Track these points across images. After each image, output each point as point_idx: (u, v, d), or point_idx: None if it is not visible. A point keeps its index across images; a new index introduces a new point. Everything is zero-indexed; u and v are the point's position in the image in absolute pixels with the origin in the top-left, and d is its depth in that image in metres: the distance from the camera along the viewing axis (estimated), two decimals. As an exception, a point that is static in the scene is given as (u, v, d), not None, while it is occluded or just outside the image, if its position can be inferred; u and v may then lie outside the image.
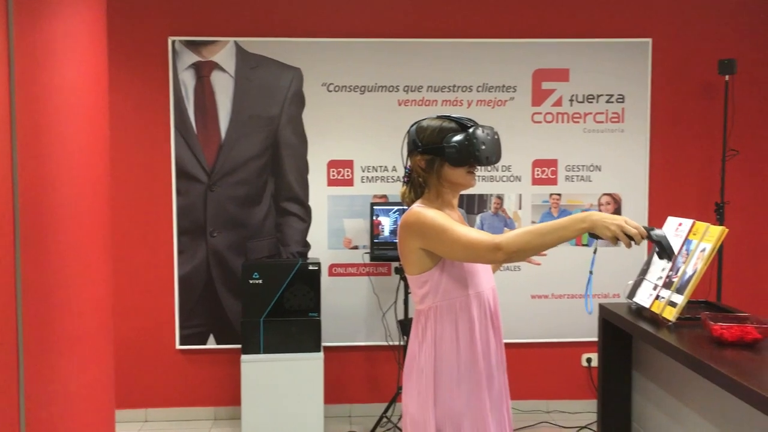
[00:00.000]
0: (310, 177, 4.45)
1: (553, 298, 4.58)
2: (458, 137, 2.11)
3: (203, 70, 4.35)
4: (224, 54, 4.35)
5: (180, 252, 4.40)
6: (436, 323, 2.16)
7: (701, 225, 2.51)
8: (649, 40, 4.50)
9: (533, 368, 4.60)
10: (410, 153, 2.21)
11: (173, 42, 4.32)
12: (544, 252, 2.01)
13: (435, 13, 4.45)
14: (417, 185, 2.21)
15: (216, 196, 4.40)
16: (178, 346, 4.45)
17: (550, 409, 4.64)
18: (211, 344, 4.45)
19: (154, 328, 4.45)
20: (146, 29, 4.34)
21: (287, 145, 4.43)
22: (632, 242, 1.87)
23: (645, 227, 1.90)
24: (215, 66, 4.35)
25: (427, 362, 2.15)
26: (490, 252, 1.97)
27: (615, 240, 1.87)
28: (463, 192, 2.39)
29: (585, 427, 4.38)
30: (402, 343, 4.18)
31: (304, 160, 4.45)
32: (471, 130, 2.12)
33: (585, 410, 4.58)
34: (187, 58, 4.34)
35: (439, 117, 2.20)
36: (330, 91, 4.42)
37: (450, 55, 4.44)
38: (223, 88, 4.36)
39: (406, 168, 2.25)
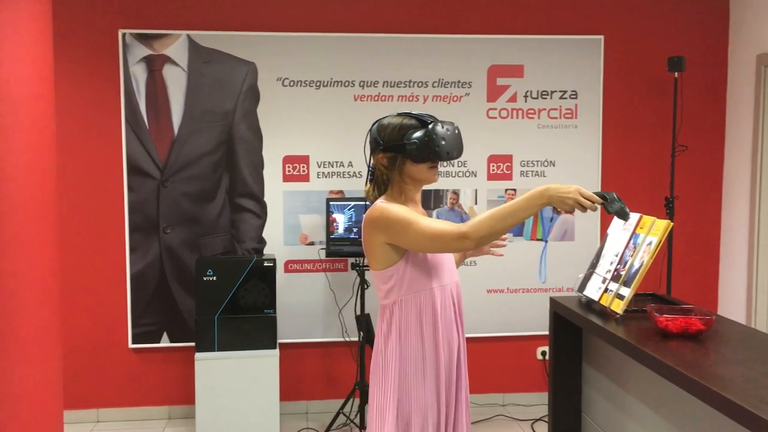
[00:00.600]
0: (266, 172, 4.41)
1: (508, 293, 4.63)
2: (418, 134, 2.14)
3: (155, 64, 4.27)
4: (176, 47, 4.28)
5: (132, 249, 4.32)
6: (401, 317, 2.19)
7: (648, 219, 2.55)
8: (601, 37, 4.56)
9: (489, 362, 4.64)
10: (372, 151, 2.24)
11: (124, 35, 4.24)
12: (505, 235, 2.13)
13: (390, 8, 4.45)
14: (380, 183, 2.25)
15: (169, 192, 4.33)
16: (130, 345, 4.37)
17: (505, 402, 4.69)
18: (164, 342, 4.38)
19: (106, 327, 4.37)
20: (96, 21, 4.25)
21: (242, 141, 4.38)
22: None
23: (598, 193, 2.01)
24: (167, 60, 4.27)
25: (393, 355, 2.18)
26: (457, 240, 2.02)
27: (573, 210, 1.98)
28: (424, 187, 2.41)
29: (540, 419, 4.43)
30: (359, 338, 4.18)
31: (259, 156, 4.40)
32: (431, 126, 2.14)
33: (540, 402, 4.64)
34: (138, 51, 4.25)
35: (399, 114, 2.23)
36: (285, 86, 4.38)
37: (406, 51, 4.44)
38: (176, 82, 4.29)
39: (369, 166, 2.27)
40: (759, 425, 1.58)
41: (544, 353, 4.69)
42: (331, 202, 4.19)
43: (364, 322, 4.13)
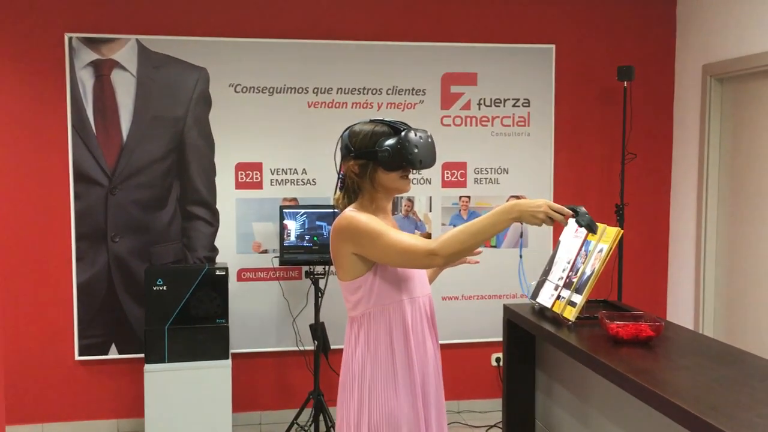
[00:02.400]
0: (218, 180, 4.34)
1: (463, 300, 4.64)
2: (390, 141, 2.09)
3: (103, 69, 4.17)
4: (125, 52, 4.18)
5: (78, 258, 4.20)
6: (369, 330, 2.14)
7: (599, 227, 2.58)
8: (553, 46, 4.62)
9: (445, 369, 4.60)
10: (343, 158, 2.18)
11: (70, 38, 4.12)
12: (479, 249, 2.10)
13: (344, 15, 4.43)
14: (351, 191, 2.19)
15: (117, 199, 4.22)
16: (77, 357, 4.24)
17: (461, 409, 4.69)
18: (112, 354, 4.27)
19: (51, 339, 4.23)
20: (41, 25, 4.13)
21: (193, 147, 4.30)
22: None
23: (569, 207, 2.00)
24: (116, 64, 4.18)
25: (363, 369, 2.13)
26: (426, 258, 1.98)
27: (542, 224, 1.96)
28: None
29: (495, 425, 4.45)
30: (314, 347, 4.13)
31: (211, 163, 4.33)
32: (403, 133, 2.10)
33: (495, 409, 4.66)
34: (85, 55, 4.15)
35: (371, 121, 2.18)
36: (237, 92, 4.32)
37: (360, 58, 4.43)
38: (125, 87, 4.19)
39: (339, 174, 2.21)
40: (707, 431, 1.60)
41: (498, 360, 4.72)
42: (284, 210, 4.14)
43: (318, 331, 4.08)
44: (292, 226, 4.11)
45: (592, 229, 2.04)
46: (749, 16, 4.07)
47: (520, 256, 2.34)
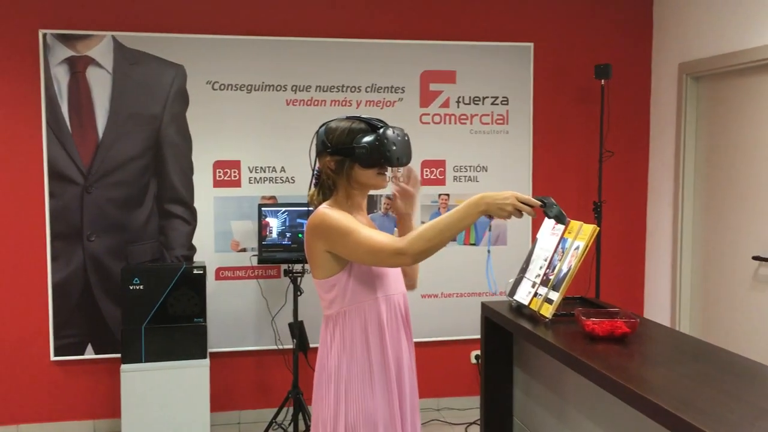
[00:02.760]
0: (195, 178, 4.31)
1: (442, 297, 4.64)
2: (368, 138, 2.09)
3: (78, 66, 4.12)
4: (101, 49, 4.13)
5: (54, 258, 4.15)
6: (344, 328, 2.13)
7: (575, 224, 2.59)
8: (531, 44, 4.64)
9: (424, 367, 4.64)
10: (319, 154, 2.17)
11: (44, 35, 4.07)
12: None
13: (324, 12, 4.41)
14: (326, 187, 2.18)
15: (93, 198, 4.18)
16: (52, 358, 4.19)
17: (440, 406, 4.70)
18: (89, 354, 4.22)
19: (26, 339, 4.18)
20: (15, 21, 4.07)
21: (170, 145, 4.26)
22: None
23: (537, 198, 2.00)
24: (91, 61, 4.13)
25: (339, 368, 2.12)
26: (394, 257, 1.96)
27: (510, 216, 1.96)
28: None
29: (474, 422, 4.46)
30: (293, 346, 4.11)
31: (189, 161, 4.30)
32: (381, 130, 2.09)
33: (474, 406, 4.67)
34: (60, 52, 4.10)
35: (348, 118, 2.16)
36: (215, 90, 4.29)
37: (339, 55, 4.42)
38: (100, 84, 4.15)
39: (314, 170, 2.21)
40: (680, 426, 1.61)
41: (477, 357, 4.73)
42: (263, 208, 4.12)
43: (297, 330, 4.07)
44: (271, 225, 4.09)
45: (560, 219, 2.05)
46: (725, 16, 4.11)
47: (488, 251, 2.33)
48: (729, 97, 4.19)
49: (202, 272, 3.97)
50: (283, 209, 4.14)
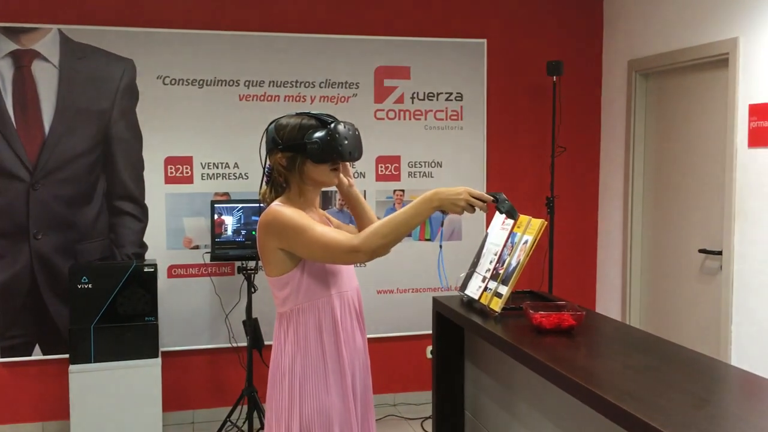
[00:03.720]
0: (146, 174, 4.23)
1: (398, 293, 4.65)
2: (320, 133, 2.08)
3: (23, 60, 4.01)
4: (47, 42, 4.03)
5: (-1, 256, 4.04)
6: (298, 325, 2.12)
7: (524, 218, 2.61)
8: (484, 40, 4.67)
9: (380, 362, 4.63)
10: (270, 151, 2.15)
11: (-13, 27, 3.96)
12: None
13: (277, 7, 4.38)
14: (278, 184, 2.17)
15: (40, 195, 4.07)
16: (-2, 359, 4.09)
17: (396, 401, 4.71)
18: (36, 355, 4.12)
19: (-30, 341, 4.06)
20: (-46, 12, 3.94)
21: (120, 141, 4.18)
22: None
23: (489, 193, 2.04)
24: (37, 55, 4.02)
25: (293, 365, 2.11)
26: (349, 254, 1.97)
27: (463, 211, 1.98)
28: None
29: (429, 417, 4.48)
30: (246, 344, 4.08)
31: (139, 157, 4.22)
32: (332, 125, 2.09)
33: (430, 401, 4.68)
34: (3, 45, 3.98)
35: (298, 114, 2.15)
36: (166, 84, 4.22)
37: (292, 50, 4.38)
38: (46, 79, 4.04)
39: (266, 167, 2.18)
40: (620, 416, 1.64)
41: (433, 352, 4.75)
42: (216, 205, 4.07)
43: (251, 327, 4.04)
44: (224, 221, 4.04)
45: (512, 215, 2.09)
46: (672, 14, 4.20)
47: (440, 247, 2.36)
48: (676, 93, 4.28)
49: (153, 270, 3.91)
50: (237, 206, 4.10)
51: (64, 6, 4.07)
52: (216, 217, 4.05)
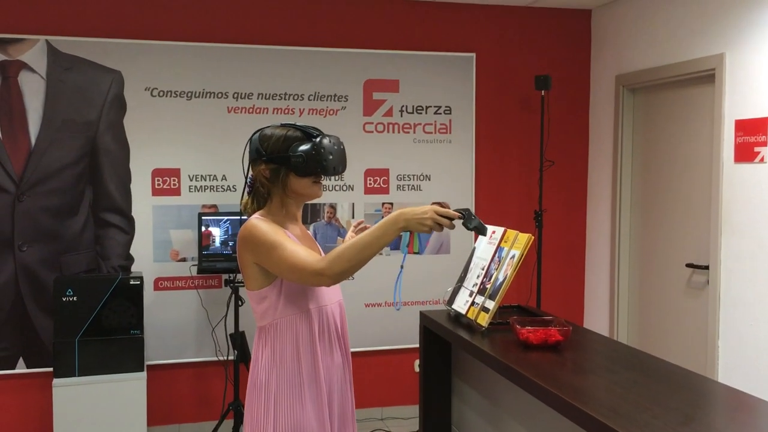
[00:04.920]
0: (133, 186, 4.21)
1: (386, 306, 4.64)
2: (305, 147, 2.06)
3: (9, 70, 3.99)
4: (34, 53, 4.01)
5: (-17, 268, 4.00)
6: (275, 340, 2.10)
7: (511, 233, 2.62)
8: (473, 54, 4.68)
9: (367, 376, 4.62)
10: (253, 162, 2.13)
11: (-26, 38, 3.94)
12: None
13: (266, 19, 4.38)
14: (260, 195, 2.15)
15: (25, 206, 4.04)
16: (-19, 373, 4.04)
17: (384, 416, 4.68)
18: (20, 368, 4.08)
19: (-47, 354, 4.01)
20: (-59, 22, 3.92)
21: (107, 152, 4.16)
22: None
23: (457, 210, 2.00)
24: (23, 66, 4.00)
25: (269, 380, 2.09)
26: (314, 277, 1.95)
27: (431, 230, 1.95)
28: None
29: (417, 431, 4.45)
30: (233, 357, 4.05)
31: (126, 168, 4.20)
32: (318, 139, 2.07)
33: (417, 415, 4.66)
34: (-10, 56, 3.96)
35: (283, 125, 2.13)
36: (154, 96, 4.21)
37: (281, 63, 4.38)
38: (33, 90, 4.02)
39: (247, 178, 2.17)
40: (606, 434, 1.63)
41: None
42: (203, 217, 4.05)
43: (238, 340, 4.01)
44: (212, 234, 4.02)
45: (481, 231, 2.05)
46: (659, 30, 4.23)
47: (401, 267, 2.32)
48: (663, 108, 4.30)
49: (138, 283, 3.87)
50: (225, 218, 4.08)
51: (52, 17, 4.06)
52: (203, 229, 4.03)
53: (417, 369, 4.73)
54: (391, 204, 4.61)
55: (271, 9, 4.38)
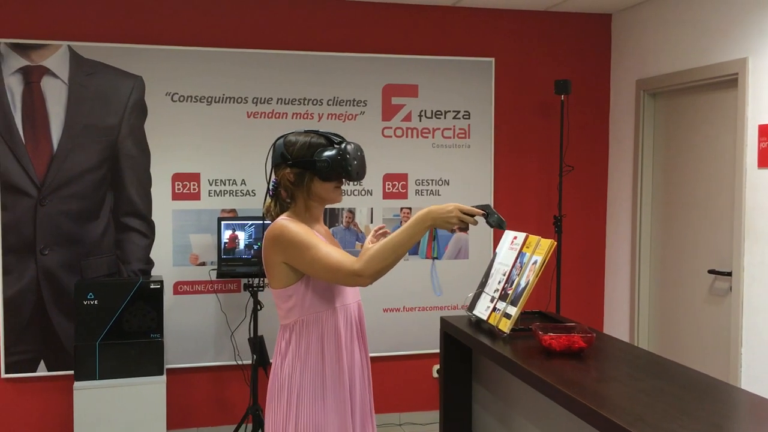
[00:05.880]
0: (154, 190, 4.23)
1: (405, 311, 4.63)
2: (330, 152, 2.13)
3: (32, 76, 4.03)
4: (56, 59, 4.05)
5: (5, 272, 4.03)
6: (300, 337, 2.15)
7: (533, 238, 2.60)
8: (492, 59, 4.67)
9: (386, 381, 4.61)
10: (277, 166, 2.20)
11: (-2, 44, 3.98)
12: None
13: (285, 25, 4.39)
14: (282, 199, 2.22)
15: (47, 210, 4.08)
16: (3, 375, 4.06)
17: (402, 421, 4.67)
18: (41, 371, 4.11)
19: (-25, 356, 4.05)
20: (-34, 29, 3.97)
21: (128, 157, 4.19)
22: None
23: (479, 206, 2.09)
24: (46, 71, 4.04)
25: (292, 376, 2.14)
26: (351, 278, 2.02)
27: (455, 227, 2.05)
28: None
29: (435, 437, 4.44)
30: (252, 361, 4.05)
31: (147, 173, 4.22)
32: (343, 145, 2.14)
33: (436, 420, 4.65)
34: (13, 62, 4.00)
35: (306, 132, 2.21)
36: (174, 101, 4.23)
37: (300, 68, 4.39)
38: (55, 95, 4.06)
39: (271, 181, 2.23)
40: (633, 443, 1.61)
41: (439, 371, 4.71)
42: (222, 221, 4.07)
43: (257, 345, 4.01)
44: (230, 238, 4.03)
45: (501, 226, 2.12)
46: (680, 34, 4.20)
47: (434, 258, 2.48)
48: (685, 113, 4.27)
49: (159, 287, 3.89)
50: (244, 223, 4.09)
51: (74, 23, 4.10)
52: (223, 233, 4.04)
53: (435, 374, 4.71)
54: (410, 209, 4.60)
55: (291, 14, 4.39)
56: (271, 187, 2.24)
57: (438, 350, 4.59)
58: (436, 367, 4.71)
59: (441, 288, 2.94)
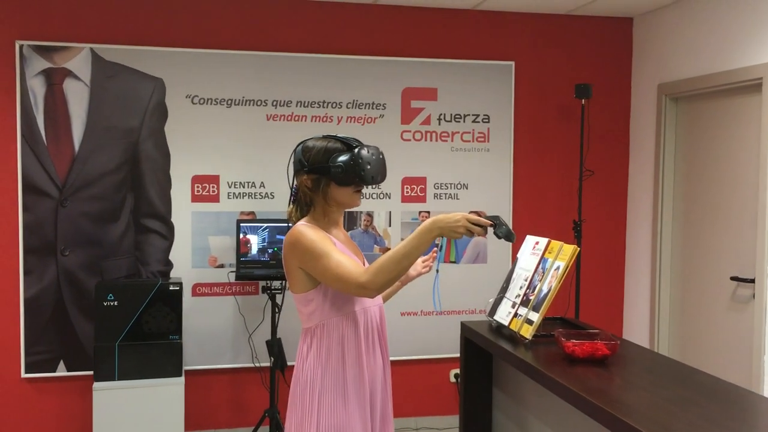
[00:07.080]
0: (173, 192, 4.25)
1: (422, 315, 4.61)
2: (344, 157, 2.14)
3: (55, 78, 4.06)
4: (78, 61, 4.08)
5: (26, 272, 4.06)
6: (322, 340, 2.17)
7: (556, 244, 2.58)
8: (512, 63, 4.65)
9: (403, 385, 4.59)
10: (296, 172, 2.23)
11: (21, 46, 4.01)
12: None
13: (305, 28, 4.40)
14: (303, 204, 2.24)
15: (68, 212, 4.10)
16: (23, 375, 4.09)
17: (419, 426, 4.65)
18: (61, 371, 4.13)
19: (-4, 356, 4.08)
20: (-10, 31, 4.01)
21: (148, 159, 4.21)
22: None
23: (489, 217, 2.08)
24: (68, 73, 4.07)
25: (313, 378, 2.16)
26: (358, 290, 2.04)
27: (462, 237, 2.04)
28: None
29: (452, 442, 4.42)
30: (270, 364, 4.06)
31: (167, 175, 4.24)
32: (356, 150, 2.15)
33: (453, 425, 4.63)
34: (36, 64, 4.03)
35: (324, 137, 2.22)
36: (195, 104, 4.25)
37: (320, 71, 4.40)
38: (77, 97, 4.09)
39: (292, 187, 2.26)
40: (661, 453, 1.59)
41: (456, 376, 4.69)
42: (242, 224, 4.07)
43: (275, 347, 4.01)
44: (250, 241, 4.04)
45: (509, 238, 2.11)
46: (703, 38, 4.15)
47: (437, 271, 2.45)
48: (707, 117, 4.22)
49: (178, 288, 3.90)
50: (263, 225, 4.10)
51: (96, 25, 4.12)
52: (242, 236, 4.05)
53: (453, 379, 4.69)
54: (428, 212, 4.59)
55: (311, 18, 4.40)
56: (292, 193, 2.27)
57: (454, 354, 4.59)
58: (454, 371, 4.68)
59: (441, 303, 2.97)
